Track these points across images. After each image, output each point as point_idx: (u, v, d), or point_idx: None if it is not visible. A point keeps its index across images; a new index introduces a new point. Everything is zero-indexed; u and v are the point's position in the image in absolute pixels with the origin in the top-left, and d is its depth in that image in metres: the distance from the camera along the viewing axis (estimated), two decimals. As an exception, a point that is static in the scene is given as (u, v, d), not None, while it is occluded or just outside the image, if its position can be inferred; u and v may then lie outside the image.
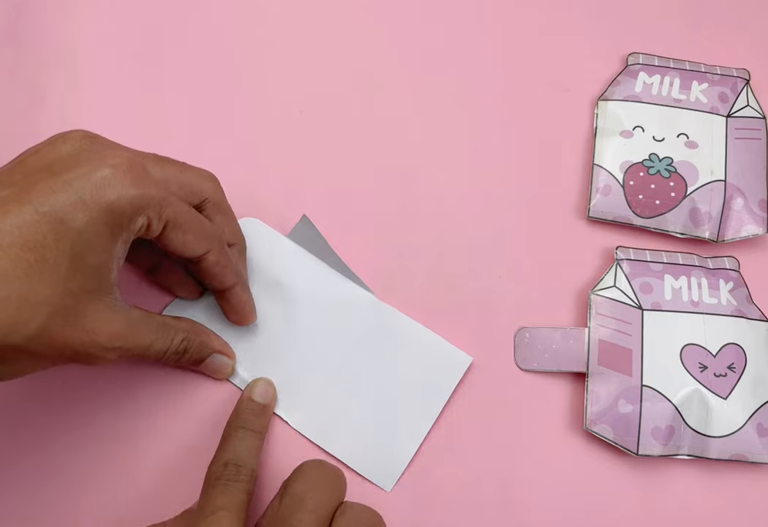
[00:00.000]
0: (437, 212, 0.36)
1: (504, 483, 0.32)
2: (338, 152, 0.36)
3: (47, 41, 0.38)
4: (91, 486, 0.30)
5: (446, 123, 0.37)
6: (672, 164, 0.35)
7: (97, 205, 0.23)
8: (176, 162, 0.28)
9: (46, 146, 0.25)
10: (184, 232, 0.26)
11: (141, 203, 0.24)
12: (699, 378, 0.32)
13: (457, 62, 0.38)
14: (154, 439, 0.31)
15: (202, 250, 0.28)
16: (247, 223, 0.34)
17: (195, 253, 0.28)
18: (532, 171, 0.37)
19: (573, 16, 0.39)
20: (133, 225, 0.24)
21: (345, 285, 0.33)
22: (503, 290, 0.34)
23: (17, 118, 0.36)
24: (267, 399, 0.31)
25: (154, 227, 0.25)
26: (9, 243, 0.22)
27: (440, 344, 0.33)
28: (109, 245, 0.24)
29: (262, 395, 0.31)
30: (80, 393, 0.32)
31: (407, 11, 0.39)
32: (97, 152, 0.25)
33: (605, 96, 0.37)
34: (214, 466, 0.28)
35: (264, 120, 0.37)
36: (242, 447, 0.29)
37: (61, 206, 0.23)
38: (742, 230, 0.35)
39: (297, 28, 0.39)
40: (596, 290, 0.34)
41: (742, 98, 0.37)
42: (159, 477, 0.31)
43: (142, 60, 0.38)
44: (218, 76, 0.37)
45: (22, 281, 0.22)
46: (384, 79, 0.38)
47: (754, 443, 0.31)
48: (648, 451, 0.31)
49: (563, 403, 0.33)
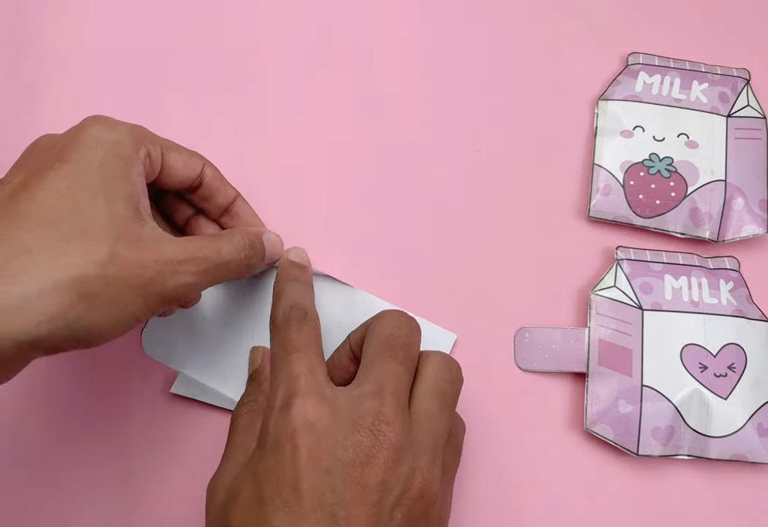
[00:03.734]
0: (437, 212, 0.36)
1: (504, 483, 0.32)
2: (338, 152, 0.36)
3: (47, 41, 0.38)
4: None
5: (446, 123, 0.37)
6: (672, 164, 0.35)
7: (103, 144, 0.24)
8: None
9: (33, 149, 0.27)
10: (179, 153, 0.28)
11: (138, 134, 0.26)
12: (699, 378, 0.32)
13: (457, 62, 0.38)
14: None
15: (200, 164, 0.29)
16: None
17: (196, 169, 0.28)
18: (532, 171, 0.37)
19: (573, 16, 0.39)
20: (139, 154, 0.25)
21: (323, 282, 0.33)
22: (503, 290, 0.34)
23: (17, 118, 0.36)
24: (304, 260, 0.32)
25: (154, 154, 0.26)
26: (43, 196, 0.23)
27: (424, 326, 0.33)
28: (129, 173, 0.25)
29: (298, 256, 0.32)
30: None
31: (407, 11, 0.39)
32: (83, 126, 0.26)
33: (605, 96, 0.37)
34: (279, 311, 0.28)
35: (264, 120, 0.37)
36: (300, 294, 0.29)
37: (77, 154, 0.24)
38: (742, 230, 0.35)
39: (296, 28, 0.39)
40: (596, 290, 0.34)
41: (742, 98, 0.37)
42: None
43: (142, 60, 0.38)
44: (218, 75, 0.37)
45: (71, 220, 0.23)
46: (384, 79, 0.38)
47: (754, 443, 0.31)
48: (648, 451, 0.31)
49: (563, 403, 0.33)
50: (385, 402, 0.23)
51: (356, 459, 0.22)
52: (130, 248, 0.23)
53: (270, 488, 0.22)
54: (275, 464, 0.23)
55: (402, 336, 0.26)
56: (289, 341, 0.26)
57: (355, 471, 0.22)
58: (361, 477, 0.22)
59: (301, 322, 0.27)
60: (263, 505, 0.22)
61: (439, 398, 0.25)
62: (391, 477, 0.22)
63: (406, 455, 0.23)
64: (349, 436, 0.23)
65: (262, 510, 0.22)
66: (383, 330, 0.26)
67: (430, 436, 0.24)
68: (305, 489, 0.22)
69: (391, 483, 0.22)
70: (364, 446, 0.23)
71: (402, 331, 0.26)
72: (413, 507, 0.23)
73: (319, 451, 0.22)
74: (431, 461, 0.24)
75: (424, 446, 0.24)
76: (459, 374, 0.27)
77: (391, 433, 0.23)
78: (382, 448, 0.23)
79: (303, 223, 0.35)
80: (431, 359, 0.26)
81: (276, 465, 0.23)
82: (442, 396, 0.25)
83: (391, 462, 0.23)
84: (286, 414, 0.23)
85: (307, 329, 0.27)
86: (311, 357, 0.25)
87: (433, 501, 0.23)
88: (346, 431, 0.23)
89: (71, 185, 0.23)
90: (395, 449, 0.23)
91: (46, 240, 0.22)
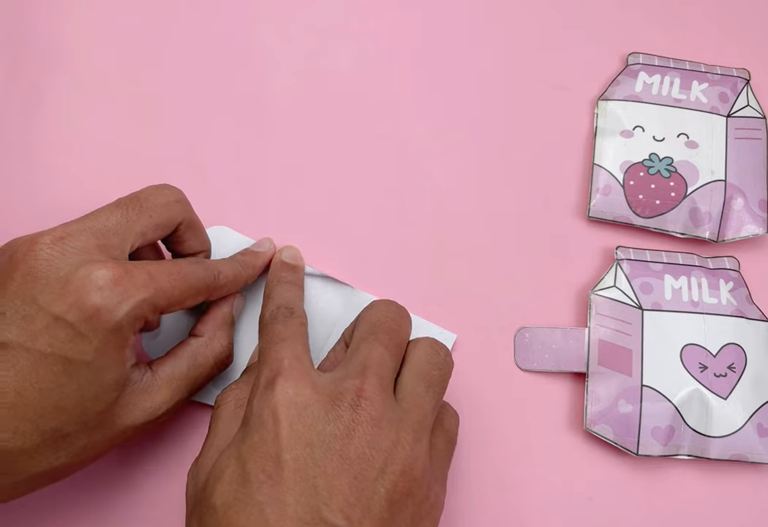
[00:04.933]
0: (437, 212, 0.36)
1: (504, 483, 0.32)
2: (338, 152, 0.36)
3: (47, 41, 0.38)
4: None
5: (446, 123, 0.37)
6: (672, 164, 0.35)
7: (98, 333, 0.23)
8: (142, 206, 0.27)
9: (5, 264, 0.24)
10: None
11: (136, 313, 0.24)
12: (699, 378, 0.32)
13: (457, 62, 0.38)
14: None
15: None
16: (216, 231, 0.33)
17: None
18: (532, 171, 0.37)
19: (573, 16, 0.39)
20: (135, 329, 0.25)
21: (320, 282, 0.33)
22: (503, 290, 0.34)
23: (17, 118, 0.36)
24: (296, 260, 0.33)
25: (151, 317, 0.25)
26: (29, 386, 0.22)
27: (424, 326, 0.33)
28: (120, 357, 0.24)
29: (291, 257, 0.33)
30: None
31: (407, 11, 0.39)
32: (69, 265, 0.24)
33: (605, 96, 0.37)
34: (267, 311, 0.28)
35: (263, 120, 0.37)
36: (288, 294, 0.30)
37: (62, 344, 0.23)
38: (742, 230, 0.35)
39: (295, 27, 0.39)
40: (596, 290, 0.34)
41: (742, 98, 0.37)
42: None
43: (142, 60, 0.38)
44: (218, 76, 0.37)
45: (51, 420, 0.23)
46: (383, 78, 0.38)
47: (754, 443, 0.31)
48: (648, 451, 0.31)
49: (563, 403, 0.33)
50: (366, 380, 0.24)
51: (336, 432, 0.23)
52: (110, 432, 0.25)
53: (254, 463, 0.22)
54: (258, 440, 0.23)
55: (388, 321, 0.26)
56: (274, 333, 0.27)
57: (336, 443, 0.22)
58: (342, 449, 0.22)
59: (288, 319, 0.27)
60: (248, 481, 0.22)
61: (424, 379, 0.25)
62: (372, 450, 0.22)
63: (387, 430, 0.23)
64: (330, 411, 0.23)
65: (246, 486, 0.22)
66: (370, 316, 0.27)
67: (414, 415, 0.24)
68: (287, 461, 0.22)
69: (371, 455, 0.22)
70: (344, 419, 0.23)
71: (388, 317, 0.27)
72: (397, 483, 0.22)
73: (301, 425, 0.23)
74: (415, 439, 0.24)
75: (409, 423, 0.24)
76: (447, 359, 0.27)
77: (369, 407, 0.23)
78: (361, 421, 0.23)
79: (303, 222, 0.35)
80: (419, 344, 0.27)
81: (259, 441, 0.23)
82: (427, 378, 0.25)
83: (371, 435, 0.23)
84: (269, 392, 0.24)
85: (292, 324, 0.27)
86: (296, 346, 0.26)
87: (418, 481, 0.23)
88: (327, 406, 0.23)
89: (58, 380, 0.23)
90: (375, 422, 0.23)
91: None
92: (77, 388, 0.23)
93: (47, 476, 0.24)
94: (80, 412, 0.23)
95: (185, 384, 0.27)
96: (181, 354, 0.28)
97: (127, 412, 0.25)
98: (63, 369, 0.23)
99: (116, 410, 0.25)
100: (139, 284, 0.24)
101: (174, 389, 0.27)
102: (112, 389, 0.24)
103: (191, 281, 0.26)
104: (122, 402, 0.25)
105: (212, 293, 0.28)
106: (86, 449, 0.24)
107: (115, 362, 0.24)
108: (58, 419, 0.23)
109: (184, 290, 0.26)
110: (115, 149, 0.36)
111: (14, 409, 0.22)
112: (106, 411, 0.24)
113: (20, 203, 0.35)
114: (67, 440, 0.23)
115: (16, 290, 0.23)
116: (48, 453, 0.23)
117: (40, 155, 0.36)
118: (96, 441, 0.25)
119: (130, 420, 0.25)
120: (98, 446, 0.25)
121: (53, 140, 0.36)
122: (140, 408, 0.25)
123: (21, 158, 0.35)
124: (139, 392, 0.26)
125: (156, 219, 0.27)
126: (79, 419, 0.23)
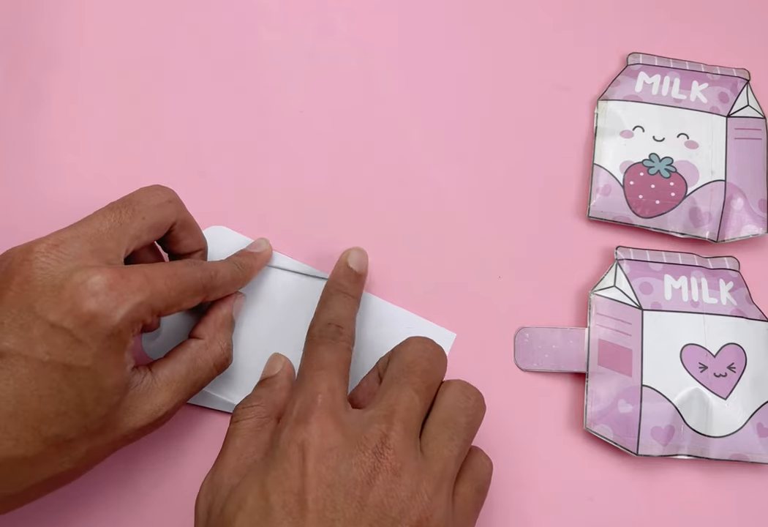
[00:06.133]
0: (437, 212, 0.36)
1: (504, 483, 0.32)
2: (338, 151, 0.36)
3: (47, 41, 0.38)
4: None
5: (446, 123, 0.37)
6: (672, 164, 0.35)
7: (95, 339, 0.23)
8: (135, 209, 0.27)
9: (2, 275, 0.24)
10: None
11: (133, 316, 0.24)
12: (699, 378, 0.32)
13: (456, 61, 0.38)
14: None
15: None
16: (215, 231, 0.34)
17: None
18: (532, 171, 0.37)
19: (573, 16, 0.39)
20: (133, 332, 0.25)
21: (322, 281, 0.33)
22: (503, 290, 0.34)
23: (17, 118, 0.36)
24: (362, 268, 0.32)
25: (149, 320, 0.25)
26: (29, 394, 0.22)
27: (423, 325, 0.33)
28: (119, 361, 0.24)
29: (358, 263, 0.32)
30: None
31: (407, 11, 0.39)
32: (64, 272, 0.24)
33: (605, 96, 0.37)
34: (316, 326, 0.28)
35: (263, 120, 0.37)
36: (341, 309, 0.29)
37: (61, 351, 0.23)
38: (742, 230, 0.35)
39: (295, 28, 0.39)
40: (596, 290, 0.34)
41: (742, 98, 0.37)
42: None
43: (142, 60, 0.38)
44: (218, 76, 0.37)
45: (53, 426, 0.23)
46: (383, 78, 0.38)
47: (754, 443, 0.31)
48: (648, 451, 0.31)
49: (563, 403, 0.33)
50: (392, 427, 0.24)
51: (358, 477, 0.23)
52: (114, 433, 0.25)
53: (277, 497, 0.22)
54: (283, 474, 0.23)
55: (423, 362, 0.26)
56: (317, 357, 0.27)
57: (357, 489, 0.23)
58: (361, 495, 0.22)
59: (335, 340, 0.28)
60: (270, 516, 0.22)
61: (450, 427, 0.25)
62: (390, 499, 0.23)
63: (408, 479, 0.23)
64: (354, 455, 0.23)
65: (267, 521, 0.22)
66: (405, 356, 0.27)
67: (436, 465, 0.24)
68: (310, 501, 0.22)
69: (389, 504, 0.23)
70: (366, 466, 0.23)
71: (423, 357, 0.26)
72: None
73: (325, 466, 0.23)
74: (435, 489, 0.23)
75: (430, 473, 0.24)
76: (478, 403, 0.27)
77: (391, 456, 0.23)
78: (382, 469, 0.23)
79: (302, 222, 0.35)
80: (449, 387, 0.27)
81: (284, 475, 0.23)
82: (452, 425, 0.25)
83: (390, 483, 0.23)
84: (298, 427, 0.24)
85: (338, 348, 0.27)
86: (334, 377, 0.26)
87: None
88: (352, 449, 0.23)
89: (58, 386, 0.23)
90: (395, 471, 0.23)
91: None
92: (78, 394, 0.23)
93: (50, 482, 0.24)
94: (82, 417, 0.23)
95: (185, 387, 0.27)
96: (181, 357, 0.28)
97: (129, 415, 0.25)
98: (62, 376, 0.23)
99: (118, 413, 0.25)
100: (135, 288, 0.24)
101: (174, 392, 0.27)
102: (113, 393, 0.24)
103: (187, 282, 0.26)
104: (123, 406, 0.25)
105: (209, 293, 0.28)
106: (89, 453, 0.24)
107: (115, 366, 0.24)
108: (60, 425, 0.23)
109: (181, 291, 0.26)
110: (115, 149, 0.36)
111: (15, 417, 0.22)
112: (107, 415, 0.24)
113: (21, 202, 0.35)
114: (70, 445, 0.23)
115: (12, 299, 0.23)
116: (52, 459, 0.23)
117: (40, 155, 0.36)
118: (98, 446, 0.25)
119: (131, 422, 0.25)
120: (101, 450, 0.25)
121: (53, 140, 0.36)
122: (141, 411, 0.25)
123: (21, 157, 0.35)
124: (140, 395, 0.26)
125: (149, 221, 0.27)
126: (81, 424, 0.23)
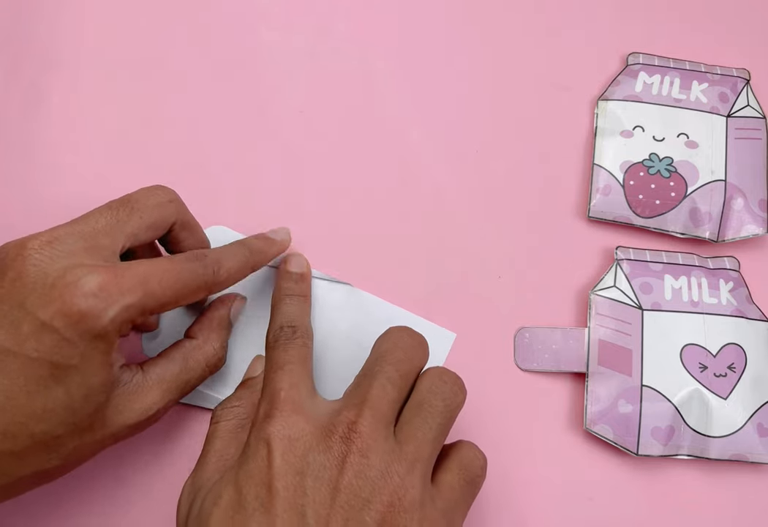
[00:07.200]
0: (437, 212, 0.36)
1: (504, 482, 0.32)
2: (338, 151, 0.36)
3: (47, 41, 0.38)
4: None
5: (446, 122, 0.37)
6: (672, 164, 0.35)
7: (83, 339, 0.23)
8: (133, 207, 0.26)
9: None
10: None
11: (123, 317, 0.24)
12: (699, 378, 0.32)
13: (456, 61, 0.38)
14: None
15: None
16: (215, 231, 0.33)
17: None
18: (532, 171, 0.37)
19: (573, 16, 0.39)
20: (121, 332, 0.24)
21: (321, 282, 0.33)
22: (503, 290, 0.34)
23: (17, 117, 0.36)
24: (302, 268, 0.32)
25: (141, 320, 0.25)
26: (17, 390, 0.22)
27: (423, 325, 0.33)
28: (106, 360, 0.24)
29: (297, 265, 0.32)
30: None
31: (407, 11, 0.39)
32: (57, 270, 0.23)
33: (605, 96, 0.37)
34: (271, 333, 0.29)
35: (263, 120, 0.37)
36: (291, 310, 0.30)
37: (49, 349, 0.23)
38: (742, 230, 0.35)
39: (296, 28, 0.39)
40: (596, 290, 0.34)
41: (742, 98, 0.37)
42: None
43: (142, 60, 0.38)
44: (218, 76, 0.37)
45: (40, 422, 0.23)
46: (383, 78, 0.38)
47: (754, 443, 0.31)
48: (648, 451, 0.31)
49: (563, 403, 0.33)
50: (361, 413, 0.24)
51: (326, 463, 0.23)
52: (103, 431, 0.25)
53: (248, 489, 0.23)
54: (255, 468, 0.23)
55: (396, 352, 0.26)
56: (275, 360, 0.27)
57: (326, 472, 0.23)
58: (330, 479, 0.23)
59: (289, 341, 0.28)
60: (243, 508, 0.23)
61: (424, 409, 0.25)
62: (359, 480, 0.23)
63: (376, 460, 0.23)
64: (321, 442, 0.24)
65: (241, 513, 0.23)
66: (380, 346, 0.27)
67: (408, 446, 0.24)
68: (280, 489, 0.23)
69: (359, 486, 0.23)
70: (334, 451, 0.23)
71: (398, 346, 0.27)
72: (386, 515, 0.23)
73: (293, 455, 0.23)
74: (407, 470, 0.23)
75: (401, 454, 0.24)
76: (455, 388, 0.26)
77: (359, 440, 0.23)
78: (350, 453, 0.23)
79: (302, 222, 0.35)
80: (426, 374, 0.27)
81: (255, 469, 0.23)
82: (427, 408, 0.25)
83: (358, 465, 0.23)
84: (266, 424, 0.24)
85: (293, 348, 0.28)
86: (294, 373, 0.26)
87: (410, 513, 0.23)
88: (319, 438, 0.24)
89: (45, 382, 0.23)
90: (363, 453, 0.23)
91: None
92: (65, 391, 0.23)
93: (38, 477, 0.24)
94: (70, 414, 0.23)
95: (176, 386, 0.27)
96: (173, 356, 0.28)
97: (117, 413, 0.25)
98: (50, 373, 0.23)
99: (107, 411, 0.25)
100: (126, 289, 0.23)
101: (164, 391, 0.27)
102: (100, 392, 0.24)
103: (185, 280, 0.26)
104: (112, 403, 0.25)
105: (212, 288, 0.28)
106: (77, 450, 0.24)
107: (102, 365, 0.24)
108: (48, 421, 0.23)
109: (178, 289, 0.25)
110: (115, 149, 0.36)
111: (3, 411, 0.22)
112: (96, 413, 0.24)
113: (21, 202, 0.35)
114: (57, 442, 0.23)
115: (4, 294, 0.23)
116: (39, 455, 0.23)
117: (40, 155, 0.36)
118: (87, 443, 0.25)
119: (120, 420, 0.25)
120: (89, 447, 0.25)
121: (53, 140, 0.36)
122: (130, 409, 0.25)
123: (21, 157, 0.35)
124: (130, 393, 0.26)
125: (147, 220, 0.27)
126: (69, 421, 0.23)
